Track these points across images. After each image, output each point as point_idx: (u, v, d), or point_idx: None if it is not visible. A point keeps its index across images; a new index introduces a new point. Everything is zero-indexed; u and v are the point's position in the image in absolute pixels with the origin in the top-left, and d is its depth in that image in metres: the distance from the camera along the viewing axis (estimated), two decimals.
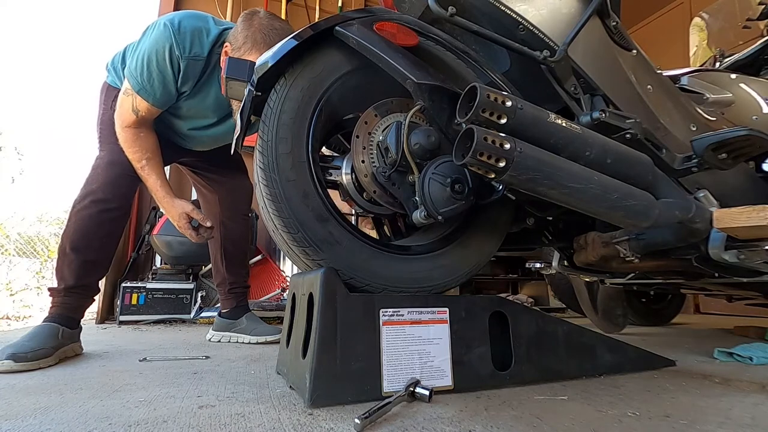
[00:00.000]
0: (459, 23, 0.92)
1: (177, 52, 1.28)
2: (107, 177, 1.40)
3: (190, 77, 1.33)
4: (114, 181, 1.39)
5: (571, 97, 1.01)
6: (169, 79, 1.31)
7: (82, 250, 1.35)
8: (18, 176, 5.67)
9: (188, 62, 1.30)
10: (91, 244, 1.36)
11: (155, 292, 2.49)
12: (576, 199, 0.80)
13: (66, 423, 0.70)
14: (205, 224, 1.44)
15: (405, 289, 0.92)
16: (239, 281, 1.81)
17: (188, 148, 1.64)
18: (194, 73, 1.33)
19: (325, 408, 0.76)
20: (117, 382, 0.98)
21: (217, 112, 1.46)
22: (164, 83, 1.32)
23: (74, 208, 1.38)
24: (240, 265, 1.83)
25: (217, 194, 1.76)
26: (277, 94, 0.91)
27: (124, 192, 1.41)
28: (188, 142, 1.59)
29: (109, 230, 1.39)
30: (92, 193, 1.38)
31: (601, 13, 1.07)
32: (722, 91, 1.33)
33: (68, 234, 1.36)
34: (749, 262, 0.99)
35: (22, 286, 4.12)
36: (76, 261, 1.35)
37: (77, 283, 1.35)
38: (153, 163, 1.39)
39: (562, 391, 0.89)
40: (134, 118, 1.36)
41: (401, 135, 0.91)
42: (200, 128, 1.52)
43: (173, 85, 1.33)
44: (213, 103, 1.43)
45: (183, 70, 1.31)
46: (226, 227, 1.76)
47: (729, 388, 0.96)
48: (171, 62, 1.29)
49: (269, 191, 0.87)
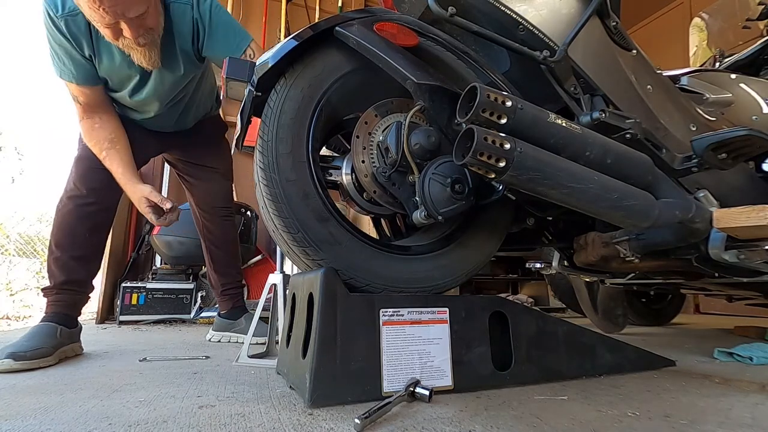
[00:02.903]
0: (459, 23, 0.92)
1: (52, 15, 1.22)
2: (78, 173, 1.41)
3: (80, 36, 1.26)
4: (84, 176, 1.40)
5: (571, 97, 1.01)
6: (68, 49, 1.26)
7: (66, 247, 1.37)
8: (18, 176, 5.67)
9: (66, 20, 1.23)
10: (75, 239, 1.37)
11: (155, 292, 2.50)
12: (576, 199, 0.80)
13: (66, 423, 0.70)
14: (163, 206, 1.38)
15: (405, 289, 0.92)
16: (231, 281, 1.81)
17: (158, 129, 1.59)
18: (81, 31, 1.25)
19: (325, 408, 0.76)
20: (117, 382, 0.98)
21: (134, 65, 1.34)
22: (69, 56, 1.27)
23: (57, 208, 1.41)
24: (228, 265, 1.82)
25: (194, 196, 1.76)
26: (277, 94, 0.91)
27: (96, 185, 1.40)
28: (146, 114, 1.52)
29: (91, 224, 1.40)
30: (68, 191, 1.40)
31: (601, 14, 1.07)
32: (722, 91, 1.33)
33: (53, 233, 1.39)
34: (749, 262, 0.99)
35: (22, 286, 4.12)
36: (63, 257, 1.36)
37: (67, 278, 1.36)
38: (113, 152, 1.38)
39: (562, 391, 0.89)
40: (80, 108, 1.35)
41: (401, 135, 0.91)
42: (137, 90, 1.43)
43: (75, 53, 1.27)
44: (123, 58, 1.32)
45: (68, 30, 1.24)
46: (207, 229, 1.77)
47: (729, 388, 0.96)
48: (57, 30, 1.24)
49: (269, 191, 0.87)
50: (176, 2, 1.31)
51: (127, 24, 1.17)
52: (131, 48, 1.25)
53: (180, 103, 1.57)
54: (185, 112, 1.62)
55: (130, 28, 1.17)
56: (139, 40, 1.21)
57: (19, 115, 6.85)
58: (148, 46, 1.25)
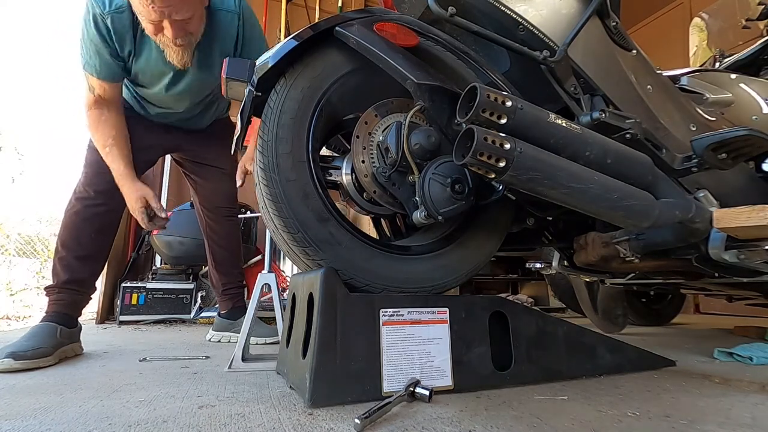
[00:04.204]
0: (459, 23, 0.92)
1: (98, 11, 1.24)
2: (87, 176, 1.45)
3: (123, 34, 1.29)
4: (93, 179, 1.44)
5: (571, 97, 1.01)
6: (101, 46, 1.29)
7: (72, 247, 1.39)
8: (18, 176, 5.67)
9: (113, 17, 1.25)
10: (80, 240, 1.40)
11: (155, 292, 2.50)
12: (576, 199, 0.80)
13: (66, 423, 0.70)
14: (160, 214, 1.41)
15: (405, 289, 0.92)
16: (232, 281, 1.83)
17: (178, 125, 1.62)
18: (125, 28, 1.28)
19: (325, 408, 0.76)
20: (117, 382, 0.98)
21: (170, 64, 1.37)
22: (99, 53, 1.30)
23: (65, 210, 1.44)
24: (231, 265, 1.83)
25: (200, 195, 1.78)
26: (277, 94, 0.91)
27: (104, 188, 1.42)
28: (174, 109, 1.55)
29: (98, 225, 1.43)
30: (77, 193, 1.44)
31: (601, 14, 1.07)
32: (722, 91, 1.33)
33: (60, 233, 1.41)
34: (749, 262, 0.99)
35: (22, 286, 4.11)
36: (68, 257, 1.38)
37: (70, 277, 1.37)
38: (116, 149, 1.39)
39: (562, 391, 0.89)
40: (92, 98, 1.37)
41: (401, 135, 0.91)
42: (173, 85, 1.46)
43: (107, 50, 1.30)
44: (159, 54, 1.35)
45: (111, 28, 1.27)
46: (212, 229, 1.78)
47: (729, 388, 0.96)
48: (97, 26, 1.26)
49: (269, 191, 0.87)
50: (224, 10, 1.37)
51: (170, 24, 1.22)
52: (167, 45, 1.29)
53: (207, 103, 1.62)
54: (205, 111, 1.65)
55: (173, 28, 1.23)
56: (177, 41, 1.26)
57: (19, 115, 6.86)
58: (183, 47, 1.30)
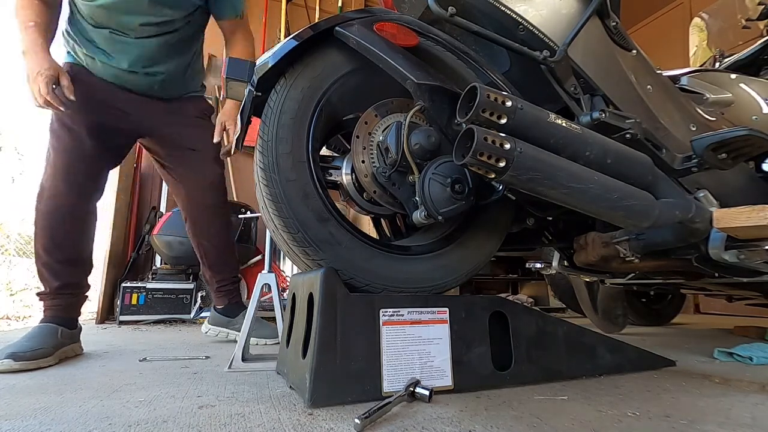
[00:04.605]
0: (459, 23, 0.92)
1: None
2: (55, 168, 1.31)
3: None
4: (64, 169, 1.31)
5: (571, 97, 1.01)
6: None
7: (54, 251, 1.31)
8: (18, 176, 5.67)
9: None
10: (63, 243, 1.32)
11: (155, 292, 2.50)
12: (576, 199, 0.80)
13: (66, 423, 0.70)
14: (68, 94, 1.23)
15: (405, 289, 0.92)
16: (226, 277, 1.75)
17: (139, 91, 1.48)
18: None
19: (325, 408, 0.76)
20: (117, 382, 0.98)
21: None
22: None
23: (36, 207, 1.31)
24: (222, 261, 1.74)
25: (183, 191, 1.65)
26: (277, 94, 0.91)
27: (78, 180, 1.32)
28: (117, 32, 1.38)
29: (79, 226, 1.34)
30: (47, 188, 1.31)
31: (601, 14, 1.07)
32: (722, 91, 1.33)
33: (37, 235, 1.31)
34: (749, 262, 0.99)
35: (22, 286, 4.11)
36: (52, 262, 1.32)
37: (62, 283, 1.33)
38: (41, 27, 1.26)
39: (562, 391, 0.89)
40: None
41: (401, 135, 0.91)
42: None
43: None
44: None
45: None
46: (197, 224, 1.67)
47: (729, 388, 0.96)
48: None
49: (269, 191, 0.87)
50: None
51: None
52: None
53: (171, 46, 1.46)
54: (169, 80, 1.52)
55: None
56: None
57: (19, 115, 6.85)
58: None
